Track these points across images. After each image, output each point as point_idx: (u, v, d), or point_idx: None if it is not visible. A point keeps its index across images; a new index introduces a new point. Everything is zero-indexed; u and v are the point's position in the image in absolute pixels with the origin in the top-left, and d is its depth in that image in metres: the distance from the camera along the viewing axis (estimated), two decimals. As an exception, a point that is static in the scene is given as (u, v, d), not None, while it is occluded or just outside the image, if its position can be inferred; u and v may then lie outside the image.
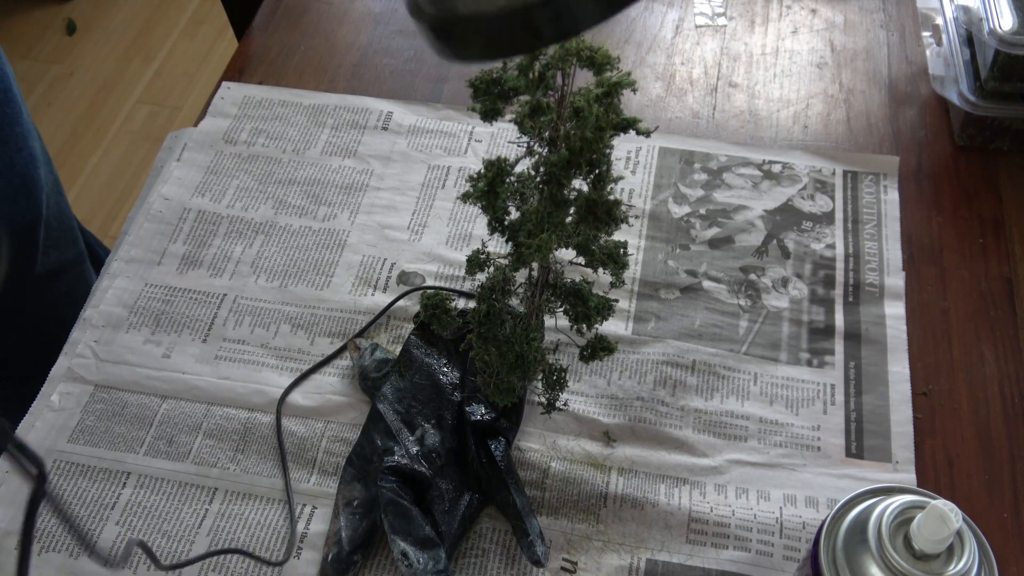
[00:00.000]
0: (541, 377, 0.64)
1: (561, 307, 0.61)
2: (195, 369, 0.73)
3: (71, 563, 0.63)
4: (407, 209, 0.82)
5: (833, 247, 0.78)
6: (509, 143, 0.86)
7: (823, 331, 0.73)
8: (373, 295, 0.76)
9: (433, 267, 0.78)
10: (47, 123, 2.13)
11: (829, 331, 0.73)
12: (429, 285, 0.77)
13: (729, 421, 0.69)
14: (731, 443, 0.68)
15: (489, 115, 0.51)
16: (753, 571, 0.62)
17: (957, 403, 0.70)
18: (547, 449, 0.68)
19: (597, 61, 0.48)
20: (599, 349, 0.62)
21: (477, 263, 0.60)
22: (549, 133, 0.52)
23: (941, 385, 0.71)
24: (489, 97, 0.50)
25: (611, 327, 0.73)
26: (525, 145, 0.53)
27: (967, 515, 0.49)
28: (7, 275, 0.90)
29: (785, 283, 0.76)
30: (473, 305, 0.63)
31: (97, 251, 1.07)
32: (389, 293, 0.76)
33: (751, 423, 0.69)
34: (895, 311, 0.74)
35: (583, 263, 0.57)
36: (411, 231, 0.80)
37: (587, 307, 0.59)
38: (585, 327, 0.61)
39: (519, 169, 0.54)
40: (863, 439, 0.68)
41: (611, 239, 0.57)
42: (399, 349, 0.71)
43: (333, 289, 0.77)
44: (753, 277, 0.76)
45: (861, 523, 0.50)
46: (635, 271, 0.77)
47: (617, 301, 0.61)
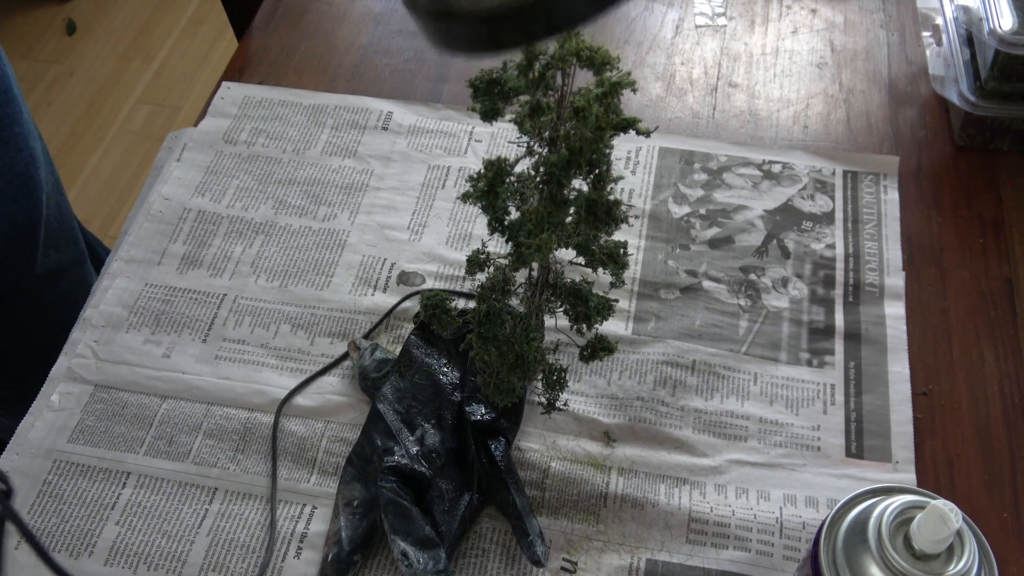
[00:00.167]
0: (541, 377, 0.64)
1: (561, 307, 0.61)
2: (195, 369, 0.73)
3: (71, 563, 0.63)
4: (407, 209, 0.82)
5: (833, 247, 0.78)
6: (509, 143, 0.86)
7: (823, 331, 0.73)
8: (373, 295, 0.76)
9: (433, 267, 0.78)
10: (47, 123, 2.13)
11: (829, 331, 0.73)
12: (435, 288, 0.77)
13: (729, 421, 0.69)
14: (731, 443, 0.68)
15: (489, 115, 0.51)
16: (753, 571, 0.62)
17: (957, 403, 0.70)
18: (547, 449, 0.68)
19: (597, 61, 0.48)
20: (599, 349, 0.62)
21: (477, 263, 0.60)
22: (549, 133, 0.52)
23: (941, 385, 0.71)
24: (489, 97, 0.50)
25: (611, 327, 0.73)
26: (525, 145, 0.52)
27: (967, 515, 0.49)
28: (6, 275, 0.90)
29: (785, 283, 0.76)
30: (473, 305, 0.63)
31: (97, 251, 1.07)
32: (389, 293, 0.76)
33: (751, 423, 0.69)
34: (895, 311, 0.74)
35: (583, 263, 0.57)
36: (411, 231, 0.80)
37: (587, 307, 0.59)
38: (585, 327, 0.61)
39: (519, 169, 0.54)
40: (863, 439, 0.68)
41: (611, 239, 0.57)
42: (399, 349, 0.71)
43: (333, 289, 0.77)
44: (753, 277, 0.76)
45: (861, 523, 0.50)
46: (635, 271, 0.77)
47: (617, 301, 0.61)
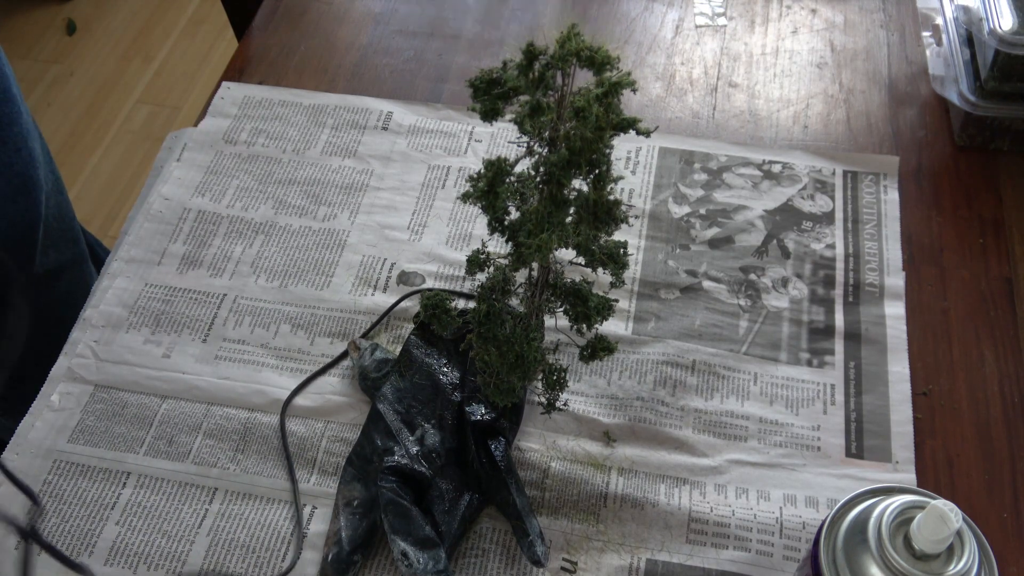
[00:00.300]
0: (541, 377, 0.64)
1: (561, 307, 0.61)
2: (195, 369, 0.73)
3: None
4: (407, 209, 0.82)
5: (833, 247, 0.78)
6: (509, 143, 0.86)
7: (823, 331, 0.73)
8: (373, 295, 0.76)
9: (433, 267, 0.78)
10: (47, 123, 2.12)
11: (829, 331, 0.73)
12: (435, 288, 0.77)
13: (729, 421, 0.69)
14: (731, 443, 0.68)
15: (489, 115, 0.51)
16: (753, 571, 0.62)
17: (957, 403, 0.70)
18: (547, 449, 0.68)
19: (597, 61, 0.48)
20: (599, 349, 0.62)
21: (477, 263, 0.60)
22: (549, 133, 0.52)
23: (941, 385, 0.71)
24: (489, 97, 0.50)
25: (611, 327, 0.73)
26: (525, 145, 0.52)
27: (967, 515, 0.49)
28: (5, 275, 0.90)
29: (785, 283, 0.76)
30: (473, 305, 0.63)
31: (97, 251, 1.07)
32: (389, 293, 0.76)
33: (751, 423, 0.69)
34: (895, 311, 0.74)
35: (583, 263, 0.57)
36: (411, 231, 0.80)
37: (587, 307, 0.59)
38: (585, 327, 0.61)
39: (519, 169, 0.54)
40: (863, 439, 0.68)
41: (611, 239, 0.57)
42: (399, 349, 0.71)
43: (333, 289, 0.77)
44: (753, 277, 0.76)
45: (861, 523, 0.50)
46: (635, 271, 0.77)
47: (617, 301, 0.61)
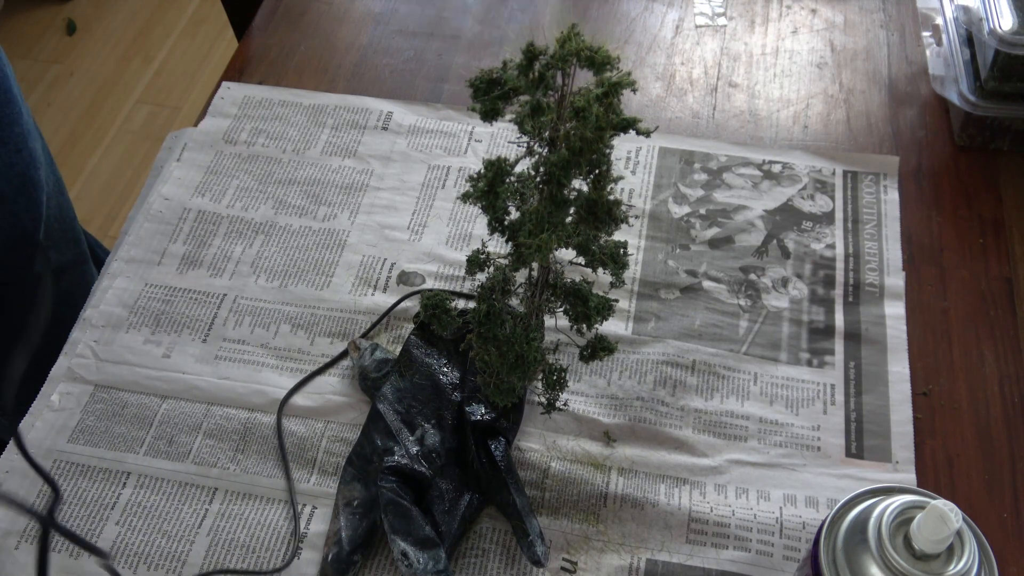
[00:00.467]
0: (541, 377, 0.64)
1: (561, 307, 0.61)
2: (195, 369, 0.73)
3: (71, 563, 0.63)
4: (407, 209, 0.82)
5: (833, 247, 0.78)
6: (509, 143, 0.86)
7: (823, 331, 0.73)
8: (373, 295, 0.76)
9: (433, 267, 0.78)
10: (47, 123, 2.12)
11: (829, 331, 0.73)
12: (435, 288, 0.77)
13: (729, 421, 0.69)
14: (731, 443, 0.68)
15: (489, 115, 0.51)
16: (753, 571, 0.62)
17: (957, 403, 0.70)
18: (547, 449, 0.68)
19: (597, 61, 0.48)
20: (599, 349, 0.62)
21: (477, 263, 0.60)
22: (549, 133, 0.52)
23: (941, 385, 0.71)
24: (489, 97, 0.50)
25: (611, 327, 0.73)
26: (525, 145, 0.52)
27: (967, 515, 0.49)
28: (6, 275, 0.90)
29: (785, 283, 0.76)
30: (473, 305, 0.63)
31: (96, 251, 1.07)
32: (389, 293, 0.76)
33: (751, 423, 0.69)
34: (895, 311, 0.74)
35: (583, 263, 0.57)
36: (411, 231, 0.80)
37: (587, 307, 0.59)
38: (585, 327, 0.61)
39: (519, 169, 0.54)
40: (863, 439, 0.68)
41: (611, 239, 0.57)
42: (399, 349, 0.71)
43: (333, 289, 0.77)
44: (753, 277, 0.76)
45: (861, 523, 0.50)
46: (635, 271, 0.77)
47: (617, 301, 0.61)
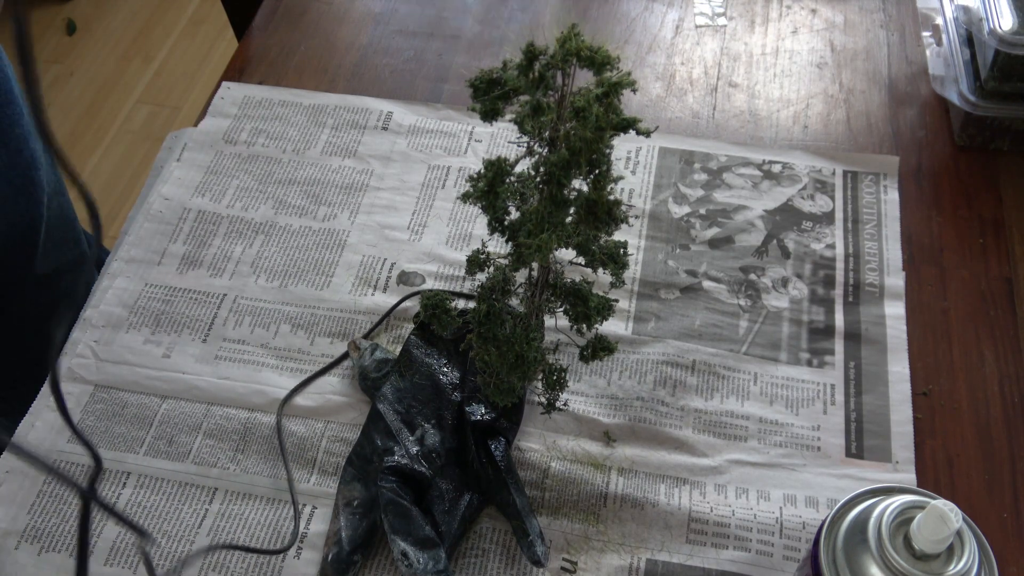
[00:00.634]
0: (541, 377, 0.64)
1: (561, 307, 0.61)
2: (195, 369, 0.73)
3: (71, 563, 0.63)
4: (407, 209, 0.82)
5: (833, 247, 0.78)
6: (509, 143, 0.86)
7: (823, 331, 0.73)
8: (373, 295, 0.76)
9: (433, 267, 0.78)
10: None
11: (829, 331, 0.73)
12: (435, 288, 0.77)
13: (729, 421, 0.69)
14: (731, 443, 0.68)
15: (489, 115, 0.51)
16: (753, 571, 0.62)
17: (957, 403, 0.70)
18: (547, 449, 0.68)
19: (597, 61, 0.48)
20: (599, 349, 0.62)
21: (477, 263, 0.60)
22: (549, 133, 0.52)
23: (941, 385, 0.71)
24: (489, 97, 0.50)
25: (611, 327, 0.73)
26: (525, 145, 0.52)
27: (967, 515, 0.49)
28: (6, 275, 0.90)
29: (785, 283, 0.76)
30: (473, 305, 0.63)
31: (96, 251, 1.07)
32: (389, 293, 0.76)
33: (751, 423, 0.69)
34: (895, 311, 0.74)
35: (583, 263, 0.57)
36: (411, 231, 0.80)
37: (587, 307, 0.59)
38: (585, 327, 0.61)
39: (519, 169, 0.54)
40: (863, 439, 0.68)
41: (611, 239, 0.57)
42: (399, 349, 0.71)
43: (333, 289, 0.77)
44: (753, 277, 0.76)
45: (861, 523, 0.50)
46: (635, 271, 0.77)
47: (617, 301, 0.61)
